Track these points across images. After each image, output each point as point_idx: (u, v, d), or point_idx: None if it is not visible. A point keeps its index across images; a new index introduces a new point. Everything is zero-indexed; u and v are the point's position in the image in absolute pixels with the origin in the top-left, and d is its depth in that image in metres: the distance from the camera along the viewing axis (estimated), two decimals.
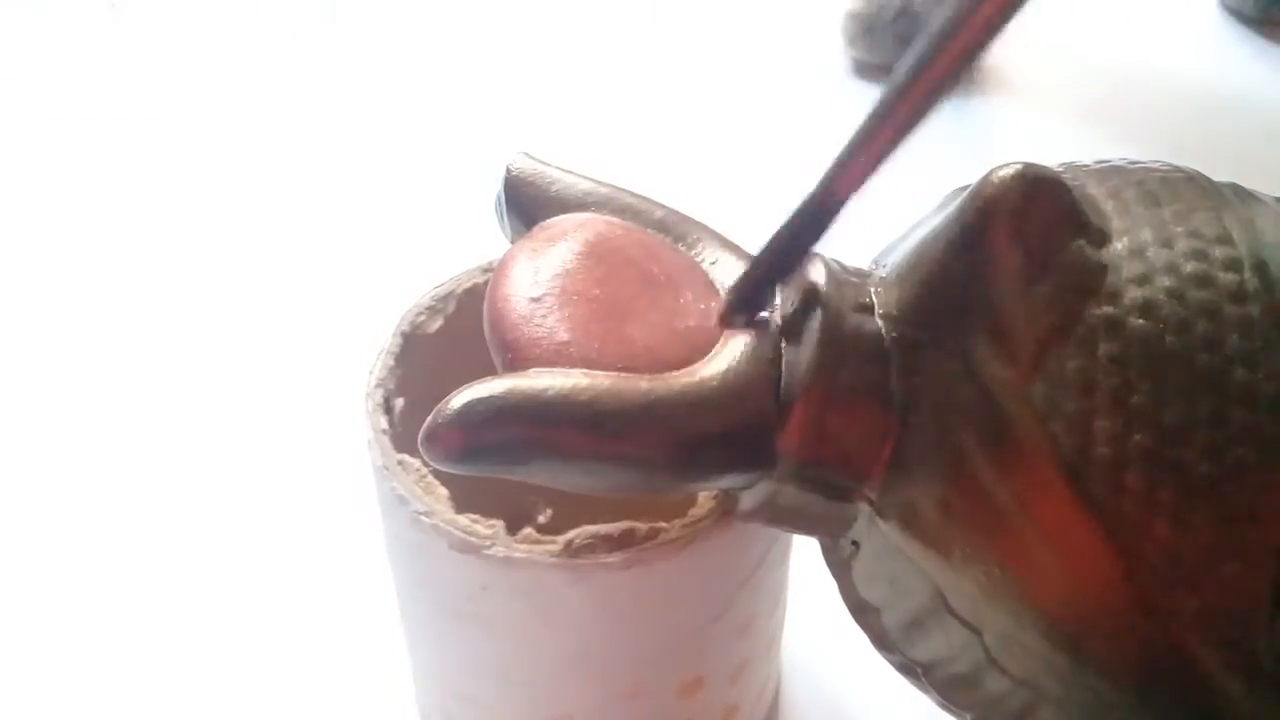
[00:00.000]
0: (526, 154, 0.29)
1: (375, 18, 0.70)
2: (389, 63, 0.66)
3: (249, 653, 0.39)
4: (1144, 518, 0.21)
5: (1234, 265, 0.22)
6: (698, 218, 0.29)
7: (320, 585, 0.40)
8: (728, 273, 0.27)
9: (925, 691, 0.26)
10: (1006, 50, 0.59)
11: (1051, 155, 0.25)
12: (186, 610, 0.40)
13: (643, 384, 0.24)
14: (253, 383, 0.48)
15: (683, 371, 0.24)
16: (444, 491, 0.28)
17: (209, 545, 0.42)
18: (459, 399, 0.23)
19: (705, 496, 0.28)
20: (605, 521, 0.27)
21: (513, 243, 0.28)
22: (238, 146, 0.61)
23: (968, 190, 0.23)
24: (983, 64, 0.64)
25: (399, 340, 0.31)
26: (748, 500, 0.26)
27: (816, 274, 0.25)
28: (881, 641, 0.26)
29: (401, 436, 0.29)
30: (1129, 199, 0.23)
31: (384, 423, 0.30)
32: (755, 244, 0.28)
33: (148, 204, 0.57)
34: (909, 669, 0.26)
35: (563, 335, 0.25)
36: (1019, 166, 0.22)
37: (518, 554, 0.27)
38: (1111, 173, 0.24)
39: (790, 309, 0.25)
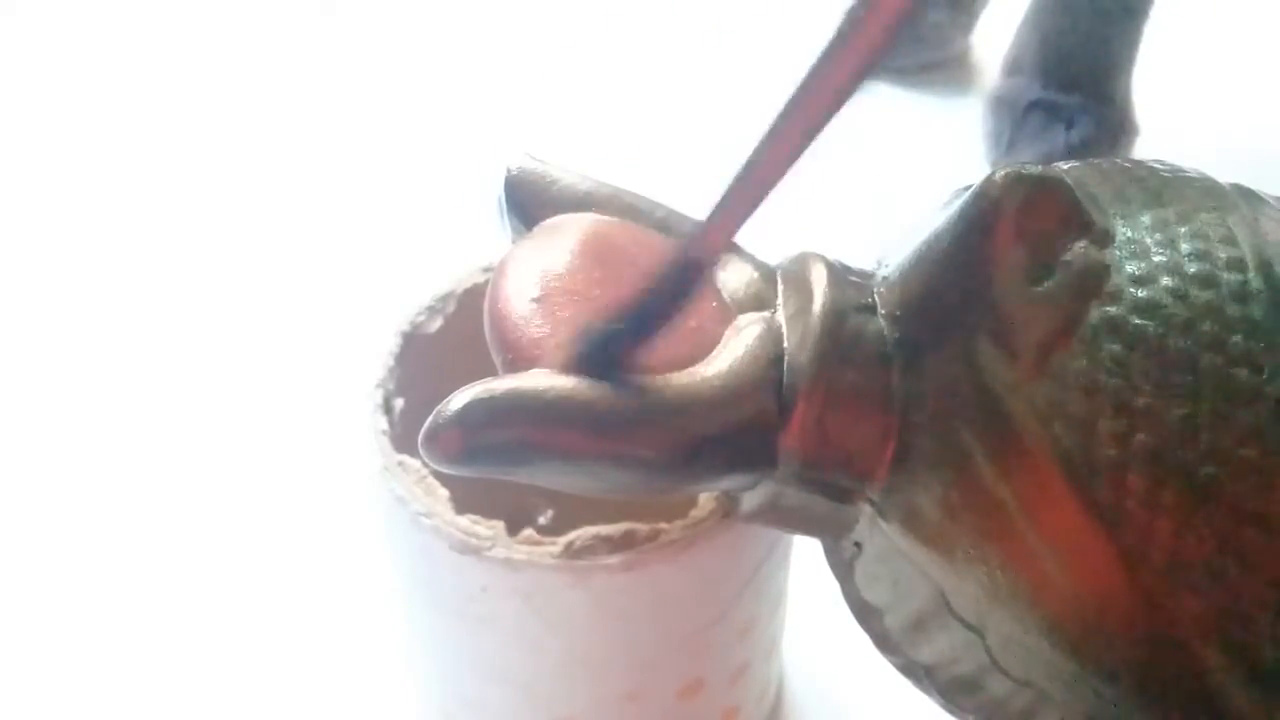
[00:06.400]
0: (527, 154, 0.29)
1: (374, 16, 0.69)
2: (388, 62, 0.66)
3: (249, 654, 0.39)
4: (1147, 519, 0.21)
5: (1238, 266, 0.22)
6: (699, 218, 0.29)
7: (320, 587, 0.40)
8: (728, 272, 0.27)
9: (928, 693, 0.26)
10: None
11: None
12: (186, 611, 0.40)
13: (643, 384, 0.24)
14: (252, 383, 0.48)
15: (684, 372, 0.24)
16: (444, 492, 0.28)
17: (209, 546, 0.42)
18: (459, 400, 0.23)
19: (706, 498, 0.28)
20: (606, 523, 0.27)
21: (513, 243, 0.28)
22: (235, 146, 0.61)
23: (970, 190, 0.23)
24: (982, 63, 0.64)
25: (399, 340, 0.31)
26: (749, 501, 0.26)
27: (818, 275, 0.25)
28: (884, 643, 0.26)
29: (401, 437, 0.29)
30: (1133, 199, 0.23)
31: (384, 423, 0.30)
32: (755, 243, 0.28)
33: (145, 203, 0.57)
34: (911, 671, 0.26)
35: (564, 336, 0.25)
36: (1022, 166, 0.22)
37: (518, 555, 0.27)
38: (1115, 172, 0.24)
39: (792, 309, 0.25)
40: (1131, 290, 0.22)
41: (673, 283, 0.23)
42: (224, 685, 0.38)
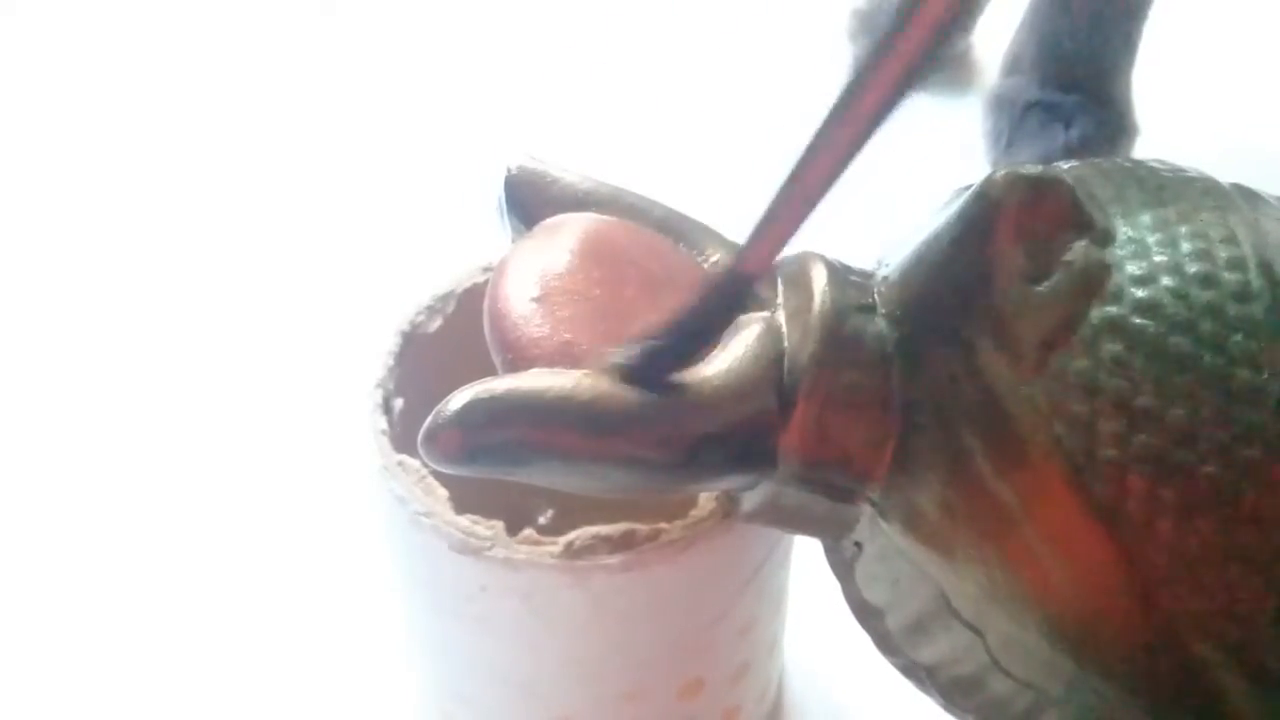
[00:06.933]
0: (527, 154, 0.29)
1: (374, 16, 0.69)
2: (388, 62, 0.66)
3: (249, 654, 0.39)
4: (1148, 519, 0.21)
5: (1238, 265, 0.22)
6: (698, 217, 0.29)
7: (319, 587, 0.40)
8: None
9: (928, 694, 0.26)
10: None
11: None
12: (186, 611, 0.40)
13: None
14: (252, 383, 0.48)
15: (684, 372, 0.24)
16: (444, 492, 0.28)
17: (208, 546, 0.42)
18: (459, 399, 0.23)
19: (706, 498, 0.28)
20: (606, 523, 0.27)
21: (513, 242, 0.28)
22: (236, 146, 0.61)
23: (971, 189, 0.23)
24: (980, 63, 0.64)
25: (398, 340, 0.31)
26: (749, 501, 0.26)
27: (818, 274, 0.25)
28: (885, 643, 0.26)
29: (401, 437, 0.29)
30: (1133, 198, 0.23)
31: (383, 423, 0.30)
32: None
33: (146, 203, 0.57)
34: (912, 671, 0.26)
35: (563, 335, 0.25)
36: (1022, 166, 0.22)
37: (518, 555, 0.27)
38: (1115, 172, 0.24)
39: (792, 309, 0.25)
40: (1132, 290, 0.22)
41: (720, 299, 0.23)
42: (224, 685, 0.38)
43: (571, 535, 0.27)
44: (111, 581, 0.41)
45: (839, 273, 0.25)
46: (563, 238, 0.26)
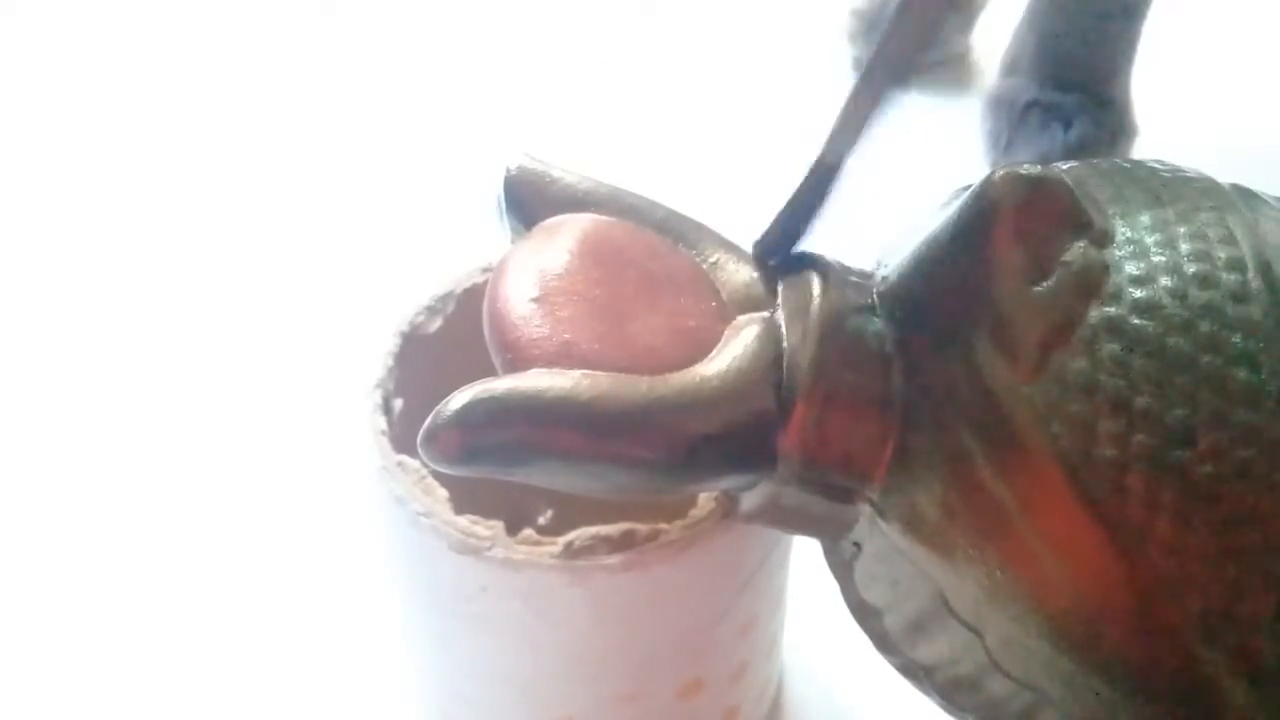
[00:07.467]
0: (527, 154, 0.29)
1: (374, 16, 0.69)
2: (388, 62, 0.66)
3: (248, 654, 0.39)
4: (1146, 519, 0.21)
5: (1237, 266, 0.22)
6: (698, 217, 0.29)
7: (319, 587, 0.40)
8: (728, 273, 0.27)
9: (927, 694, 0.26)
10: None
11: None
12: (185, 612, 0.40)
13: (643, 384, 0.24)
14: (251, 383, 0.48)
15: (683, 372, 0.24)
16: (443, 493, 0.28)
17: (207, 547, 0.42)
18: (458, 400, 0.23)
19: (706, 498, 0.28)
20: (606, 523, 0.27)
21: (513, 243, 0.28)
22: (235, 146, 0.61)
23: (970, 190, 0.23)
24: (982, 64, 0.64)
25: (398, 340, 0.31)
26: (749, 501, 0.26)
27: (819, 275, 0.25)
28: (883, 643, 0.26)
29: (401, 437, 0.29)
30: (1132, 199, 0.23)
31: (383, 423, 0.30)
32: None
33: (145, 203, 0.57)
34: (911, 671, 0.26)
35: (563, 336, 0.25)
36: (1021, 166, 0.22)
37: (517, 555, 0.27)
38: (1114, 172, 0.24)
39: (792, 310, 0.25)
40: (1131, 290, 0.22)
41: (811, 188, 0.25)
42: (224, 685, 0.38)
43: (571, 535, 0.27)
44: (111, 582, 0.41)
45: (838, 273, 0.25)
46: (562, 238, 0.26)
